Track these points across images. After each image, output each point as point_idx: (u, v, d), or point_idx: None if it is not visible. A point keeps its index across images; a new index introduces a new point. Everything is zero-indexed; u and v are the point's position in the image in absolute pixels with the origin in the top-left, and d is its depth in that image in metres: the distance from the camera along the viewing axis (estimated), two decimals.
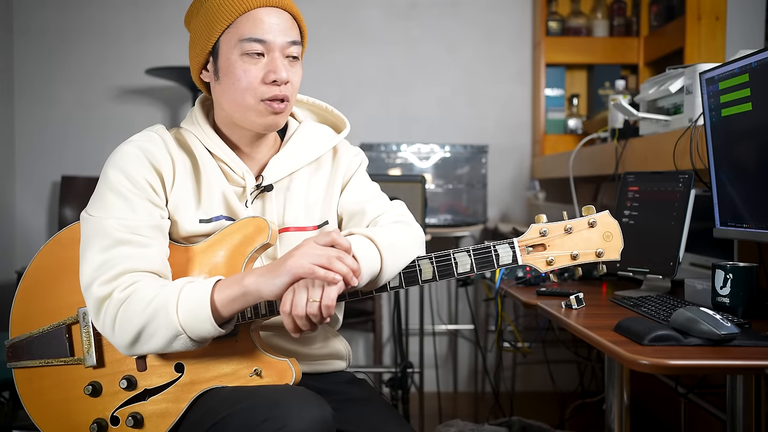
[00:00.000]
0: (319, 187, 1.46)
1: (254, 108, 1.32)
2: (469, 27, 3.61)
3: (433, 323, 3.49)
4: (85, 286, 1.26)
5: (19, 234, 3.50)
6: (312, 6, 3.51)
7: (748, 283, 1.44)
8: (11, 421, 2.24)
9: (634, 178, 1.91)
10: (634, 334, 1.24)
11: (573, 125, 3.48)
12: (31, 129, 3.52)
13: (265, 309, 1.29)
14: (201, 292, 1.21)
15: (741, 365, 1.14)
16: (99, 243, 1.27)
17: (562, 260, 1.30)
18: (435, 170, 3.27)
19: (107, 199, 1.29)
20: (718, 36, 2.83)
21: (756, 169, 1.49)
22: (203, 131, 1.39)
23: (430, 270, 1.29)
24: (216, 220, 1.34)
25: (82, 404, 1.34)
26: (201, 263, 1.32)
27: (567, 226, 1.30)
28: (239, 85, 1.32)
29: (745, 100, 1.48)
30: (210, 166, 1.37)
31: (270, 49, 1.32)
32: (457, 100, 3.62)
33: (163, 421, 1.29)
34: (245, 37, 1.30)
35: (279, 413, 1.14)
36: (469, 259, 1.29)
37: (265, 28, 1.31)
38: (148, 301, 1.22)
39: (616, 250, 1.31)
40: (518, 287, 1.90)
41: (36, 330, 1.38)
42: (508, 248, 1.30)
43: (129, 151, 1.32)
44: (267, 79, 1.31)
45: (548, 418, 2.81)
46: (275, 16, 1.32)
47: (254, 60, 1.31)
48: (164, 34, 3.52)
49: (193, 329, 1.21)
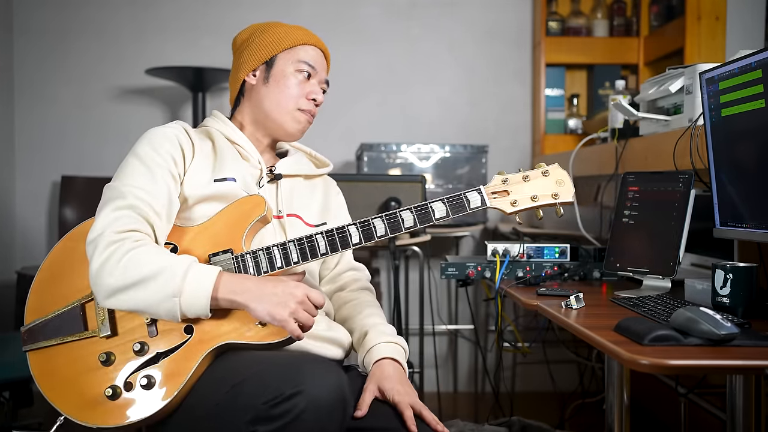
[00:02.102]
0: (316, 196, 1.69)
1: (292, 112, 1.61)
2: (469, 26, 3.61)
3: (433, 323, 3.48)
4: (97, 233, 1.35)
5: (19, 234, 3.50)
6: (312, 5, 3.51)
7: (748, 283, 1.44)
8: (11, 421, 2.24)
9: (634, 178, 1.91)
10: (634, 334, 1.24)
11: (573, 125, 3.48)
12: (31, 129, 3.52)
13: (267, 266, 1.42)
14: (209, 272, 1.34)
15: (741, 365, 1.14)
16: (115, 203, 1.39)
17: (524, 202, 1.49)
18: (435, 170, 3.27)
19: (132, 166, 1.45)
20: (718, 36, 2.84)
21: (756, 169, 1.49)
22: (225, 125, 1.62)
23: (411, 219, 1.46)
24: (230, 180, 1.51)
25: (95, 375, 1.39)
26: (204, 237, 1.45)
27: (524, 175, 1.50)
28: (289, 92, 1.60)
29: (756, 98, 1.48)
30: (227, 150, 1.57)
31: (314, 76, 1.64)
32: (457, 100, 3.62)
33: (175, 381, 1.35)
34: (303, 60, 1.62)
35: (297, 378, 1.20)
36: (444, 206, 1.48)
37: (316, 60, 1.65)
38: (158, 257, 1.34)
39: (569, 192, 1.49)
40: (518, 287, 1.90)
41: (51, 312, 1.45)
42: (476, 194, 1.49)
43: (158, 132, 1.50)
44: (309, 95, 1.62)
45: (548, 418, 2.81)
46: (321, 56, 1.66)
47: (303, 79, 1.62)
48: (163, 33, 3.52)
49: (188, 299, 1.32)
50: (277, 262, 1.43)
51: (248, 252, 1.43)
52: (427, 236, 2.90)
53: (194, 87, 3.30)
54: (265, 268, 1.43)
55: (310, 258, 1.45)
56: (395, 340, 1.55)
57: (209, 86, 3.34)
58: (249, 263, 1.43)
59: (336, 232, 1.45)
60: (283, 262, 1.44)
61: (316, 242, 1.45)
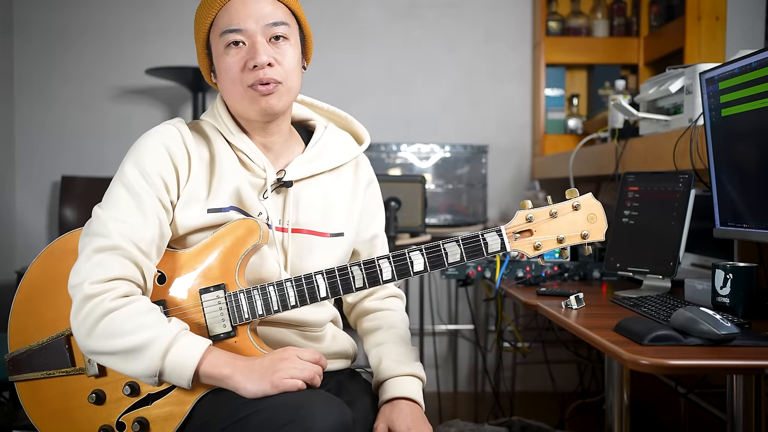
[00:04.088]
0: (340, 196, 1.48)
1: (243, 96, 1.34)
2: (469, 27, 3.61)
3: (433, 323, 3.48)
4: (78, 280, 1.26)
5: (19, 234, 3.50)
6: (312, 5, 3.50)
7: (748, 283, 1.44)
8: (11, 421, 2.24)
9: (634, 178, 1.91)
10: (634, 334, 1.24)
11: (573, 125, 3.48)
12: (31, 129, 3.52)
13: (262, 309, 1.31)
14: (192, 354, 1.23)
15: (741, 365, 1.14)
16: (98, 242, 1.27)
17: (549, 244, 1.32)
18: (435, 170, 3.28)
19: (119, 196, 1.31)
20: (718, 36, 2.83)
21: (756, 169, 1.49)
22: (225, 124, 1.41)
23: (421, 262, 1.31)
24: (225, 210, 1.35)
25: (86, 412, 1.34)
26: (195, 267, 1.33)
27: (552, 210, 1.32)
28: (227, 77, 1.35)
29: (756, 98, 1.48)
30: (227, 158, 1.38)
31: (249, 36, 1.33)
32: (457, 100, 3.62)
33: (168, 424, 1.29)
34: (223, 30, 1.33)
35: (303, 414, 1.15)
36: (459, 248, 1.31)
37: (241, 16, 1.33)
38: (137, 326, 1.23)
39: (601, 231, 1.32)
40: (518, 287, 1.90)
41: (35, 342, 1.37)
42: (496, 236, 1.31)
43: (148, 146, 1.33)
44: (248, 66, 1.32)
45: (548, 418, 2.81)
46: (251, 3, 1.34)
47: (236, 50, 1.34)
48: (164, 33, 3.51)
49: (168, 379, 1.24)
50: (273, 305, 1.31)
51: (242, 290, 1.31)
52: (427, 236, 2.91)
53: (194, 87, 3.30)
54: (261, 311, 1.31)
55: (309, 302, 1.32)
56: (411, 371, 1.42)
57: (209, 86, 3.34)
58: (242, 303, 1.31)
59: (338, 272, 1.31)
60: (280, 305, 1.32)
61: (315, 284, 1.31)
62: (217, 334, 1.31)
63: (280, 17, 1.36)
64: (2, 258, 3.33)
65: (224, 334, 1.31)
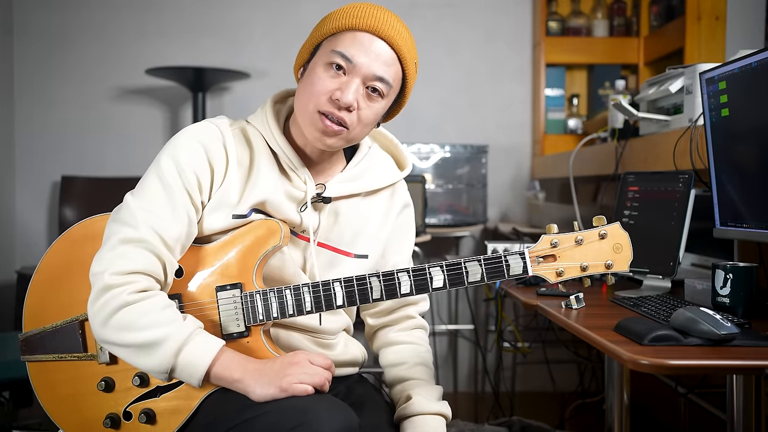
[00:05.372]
0: (372, 219, 1.46)
1: (310, 116, 1.32)
2: (468, 27, 3.61)
3: (433, 323, 3.48)
4: (99, 269, 1.25)
5: (19, 234, 3.50)
6: (312, 6, 3.50)
7: (748, 283, 1.44)
8: (11, 421, 2.24)
9: (634, 178, 1.91)
10: (634, 334, 1.24)
11: (573, 125, 3.48)
12: (31, 129, 3.52)
13: (277, 312, 1.31)
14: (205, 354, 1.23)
15: (741, 365, 1.14)
16: (125, 233, 1.26)
17: (571, 272, 1.30)
18: (435, 170, 3.28)
19: (152, 187, 1.30)
20: (718, 36, 2.84)
21: (756, 169, 1.49)
22: (270, 131, 1.38)
23: (441, 279, 1.30)
24: (249, 215, 1.34)
25: (95, 399, 1.35)
26: (213, 263, 1.34)
27: (578, 237, 1.30)
28: (310, 89, 1.31)
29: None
30: (266, 166, 1.36)
31: (353, 72, 1.30)
32: (457, 100, 3.62)
33: (175, 418, 1.30)
34: (336, 48, 1.30)
35: (309, 418, 1.15)
36: (480, 268, 1.29)
37: (359, 50, 1.30)
38: (153, 322, 1.23)
39: (626, 261, 1.31)
40: (518, 287, 1.90)
41: (49, 325, 1.39)
42: (519, 259, 1.30)
43: (187, 142, 1.32)
44: (333, 95, 1.29)
45: (548, 418, 2.82)
46: (377, 46, 1.31)
47: (333, 73, 1.30)
48: (164, 34, 3.52)
49: (179, 376, 1.24)
50: (288, 309, 1.31)
51: (258, 291, 1.31)
52: (428, 236, 2.91)
53: (194, 87, 3.30)
54: (276, 314, 1.31)
55: (324, 309, 1.31)
56: (439, 410, 1.40)
57: (209, 86, 3.34)
58: (258, 304, 1.31)
59: (356, 282, 1.30)
60: (295, 309, 1.31)
61: (333, 292, 1.30)
62: (230, 333, 1.32)
63: (389, 76, 1.34)
64: (2, 258, 3.33)
65: (237, 333, 1.32)
